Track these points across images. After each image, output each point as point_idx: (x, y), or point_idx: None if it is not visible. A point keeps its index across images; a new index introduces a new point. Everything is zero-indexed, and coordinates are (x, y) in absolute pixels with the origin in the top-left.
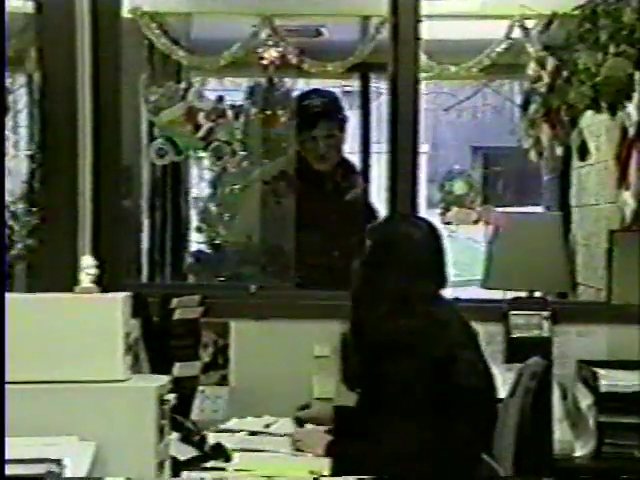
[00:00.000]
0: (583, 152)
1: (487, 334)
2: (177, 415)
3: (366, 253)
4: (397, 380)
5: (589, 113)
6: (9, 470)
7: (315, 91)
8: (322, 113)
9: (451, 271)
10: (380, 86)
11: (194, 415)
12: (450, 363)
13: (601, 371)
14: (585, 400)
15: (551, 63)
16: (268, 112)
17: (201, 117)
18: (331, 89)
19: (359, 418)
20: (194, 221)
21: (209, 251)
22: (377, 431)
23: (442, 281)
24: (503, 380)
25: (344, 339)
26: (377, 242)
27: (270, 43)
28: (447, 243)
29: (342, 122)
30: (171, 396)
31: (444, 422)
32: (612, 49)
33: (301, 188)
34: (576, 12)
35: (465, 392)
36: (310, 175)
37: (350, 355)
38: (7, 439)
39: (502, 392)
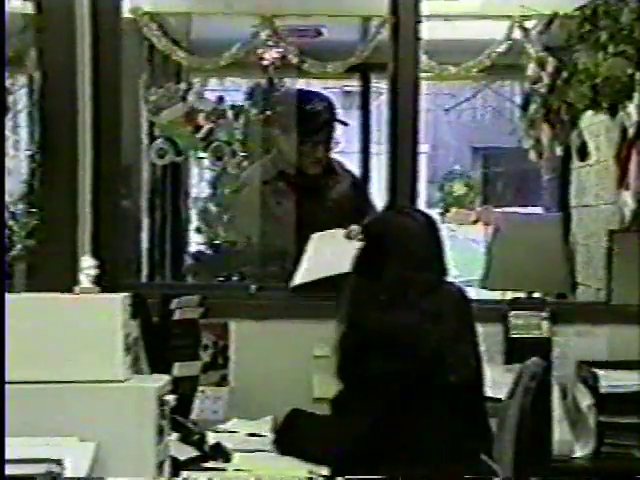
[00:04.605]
0: (583, 153)
1: (486, 334)
2: (177, 415)
3: (363, 246)
4: (386, 373)
5: (589, 113)
6: (9, 470)
7: (315, 94)
8: (325, 120)
9: (451, 271)
10: (380, 86)
11: (194, 415)
12: (439, 358)
13: (601, 371)
14: (585, 400)
15: (551, 63)
16: (268, 112)
17: (201, 118)
18: (324, 91)
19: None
20: (194, 221)
21: (209, 251)
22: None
23: (441, 271)
24: (502, 381)
25: (341, 335)
26: (374, 235)
27: (270, 43)
28: (447, 242)
29: (334, 127)
30: (171, 396)
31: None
32: (612, 49)
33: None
34: (576, 12)
35: (452, 388)
36: (301, 178)
37: (346, 350)
38: (7, 439)
39: (501, 393)
